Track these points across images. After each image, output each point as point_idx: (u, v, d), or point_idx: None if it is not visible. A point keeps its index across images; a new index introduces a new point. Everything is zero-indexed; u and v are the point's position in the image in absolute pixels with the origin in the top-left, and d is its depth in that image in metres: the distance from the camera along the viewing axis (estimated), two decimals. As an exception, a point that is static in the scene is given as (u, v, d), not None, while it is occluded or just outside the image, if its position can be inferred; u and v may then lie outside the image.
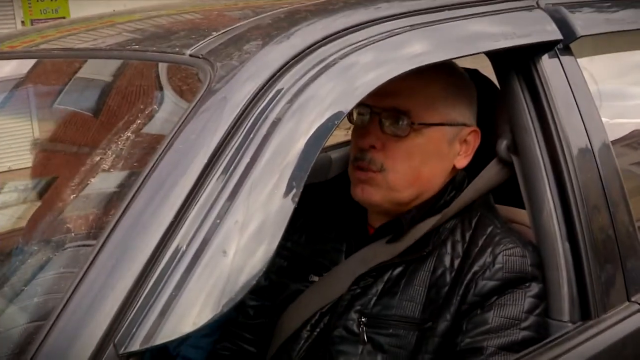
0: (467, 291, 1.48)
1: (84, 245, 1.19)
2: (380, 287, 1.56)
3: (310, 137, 1.15)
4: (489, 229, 1.55)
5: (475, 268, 1.49)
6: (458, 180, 1.64)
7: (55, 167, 1.54)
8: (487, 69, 1.78)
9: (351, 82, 1.23)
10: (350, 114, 1.58)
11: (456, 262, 1.53)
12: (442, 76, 1.60)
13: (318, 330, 1.61)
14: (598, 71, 1.78)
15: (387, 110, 1.56)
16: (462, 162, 1.63)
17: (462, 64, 1.73)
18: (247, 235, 1.06)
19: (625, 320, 1.54)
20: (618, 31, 1.78)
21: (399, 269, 1.57)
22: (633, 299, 1.59)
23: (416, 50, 1.35)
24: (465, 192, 1.61)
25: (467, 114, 1.64)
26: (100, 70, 1.61)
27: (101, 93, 1.60)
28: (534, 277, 1.50)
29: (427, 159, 1.58)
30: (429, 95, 1.58)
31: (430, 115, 1.57)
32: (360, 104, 1.55)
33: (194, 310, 1.01)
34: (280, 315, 1.69)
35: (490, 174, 1.65)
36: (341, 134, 1.88)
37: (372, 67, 1.27)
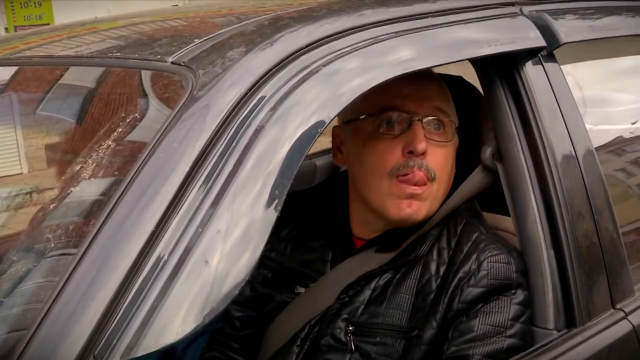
0: (452, 298, 1.47)
1: (64, 255, 1.17)
2: (367, 295, 1.55)
3: (294, 144, 1.14)
4: (474, 236, 1.55)
5: (461, 275, 1.49)
6: None
7: (36, 176, 1.52)
8: (471, 76, 1.78)
9: (336, 88, 1.22)
10: (377, 121, 1.54)
11: (442, 269, 1.52)
12: (433, 76, 1.62)
13: (308, 343, 1.59)
14: (581, 78, 1.78)
15: (430, 114, 1.54)
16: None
17: (446, 71, 1.73)
18: (229, 243, 1.05)
19: (610, 327, 1.54)
20: (601, 38, 1.79)
21: (386, 277, 1.56)
22: (618, 307, 1.59)
23: (401, 57, 1.34)
24: (451, 198, 1.61)
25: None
26: (82, 78, 1.60)
27: (83, 101, 1.58)
28: (519, 284, 1.49)
29: (453, 165, 1.59)
30: (450, 100, 1.60)
31: (455, 118, 1.60)
32: (393, 110, 1.53)
33: (176, 320, 1.00)
34: (267, 327, 1.68)
35: (475, 180, 1.65)
36: (326, 140, 1.87)
37: (356, 73, 1.26)
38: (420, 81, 1.56)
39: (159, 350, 1.00)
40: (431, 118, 1.54)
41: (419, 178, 1.51)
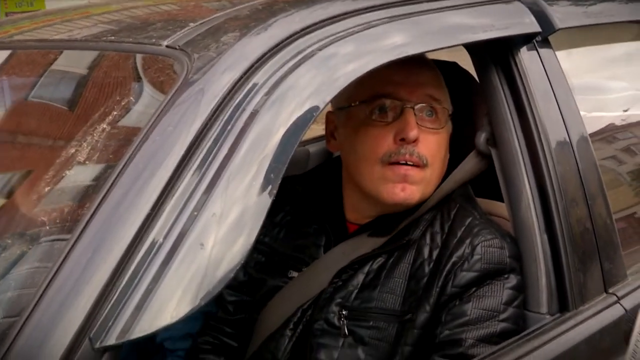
0: (446, 282, 1.48)
1: (59, 239, 1.17)
2: (361, 279, 1.56)
3: (289, 128, 1.14)
4: (468, 220, 1.55)
5: (454, 259, 1.49)
6: None
7: (30, 159, 1.52)
8: (466, 63, 1.78)
9: (331, 73, 1.22)
10: (370, 108, 1.54)
11: (435, 253, 1.52)
12: (426, 62, 1.62)
13: (301, 327, 1.60)
14: (576, 64, 1.78)
15: (422, 101, 1.54)
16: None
17: (440, 56, 1.73)
18: (224, 227, 1.05)
19: (602, 312, 1.55)
20: (596, 24, 1.79)
21: (379, 261, 1.56)
22: (610, 291, 1.60)
23: (395, 42, 1.34)
24: (445, 183, 1.61)
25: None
26: (76, 62, 1.59)
27: (77, 85, 1.58)
28: (512, 269, 1.50)
29: (446, 150, 1.59)
30: (443, 84, 1.59)
31: (449, 105, 1.59)
32: (385, 97, 1.53)
33: (171, 303, 1.00)
34: (260, 311, 1.68)
35: (469, 166, 1.65)
36: (319, 128, 1.87)
37: (351, 58, 1.26)
38: (413, 68, 1.55)
39: (152, 334, 1.00)
40: (423, 105, 1.54)
41: (413, 161, 1.52)
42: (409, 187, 1.52)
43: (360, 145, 1.55)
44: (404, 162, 1.51)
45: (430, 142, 1.54)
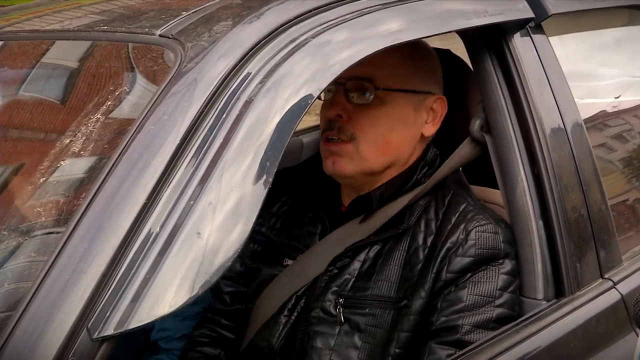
0: (441, 268, 1.48)
1: (54, 230, 1.17)
2: (357, 267, 1.56)
3: (284, 116, 1.13)
4: (462, 206, 1.56)
5: (449, 244, 1.50)
6: (430, 157, 1.64)
7: (24, 151, 1.51)
8: (460, 51, 1.78)
9: (326, 59, 1.22)
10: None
11: (429, 240, 1.53)
12: (405, 47, 1.57)
13: (296, 314, 1.60)
14: (569, 50, 1.78)
15: (351, 79, 1.56)
16: (429, 129, 1.63)
17: (433, 44, 1.72)
18: (221, 216, 1.05)
19: (598, 297, 1.56)
20: (589, 9, 1.79)
21: (375, 249, 1.57)
22: (606, 276, 1.60)
23: (389, 28, 1.34)
24: (439, 170, 1.62)
25: (431, 82, 1.65)
26: (68, 52, 1.58)
27: (70, 75, 1.56)
28: (506, 254, 1.50)
29: (394, 125, 1.58)
30: (391, 62, 1.58)
31: (392, 81, 1.58)
32: None
33: (169, 292, 1.00)
34: (256, 300, 1.68)
35: (463, 152, 1.65)
36: (312, 120, 1.87)
37: (346, 45, 1.25)
38: None
39: (150, 323, 1.00)
40: (352, 82, 1.56)
41: (334, 136, 1.57)
42: (338, 160, 1.58)
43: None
44: (330, 137, 1.57)
45: (359, 117, 1.56)
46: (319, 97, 1.58)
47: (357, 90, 1.56)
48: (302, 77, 1.18)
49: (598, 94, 2.00)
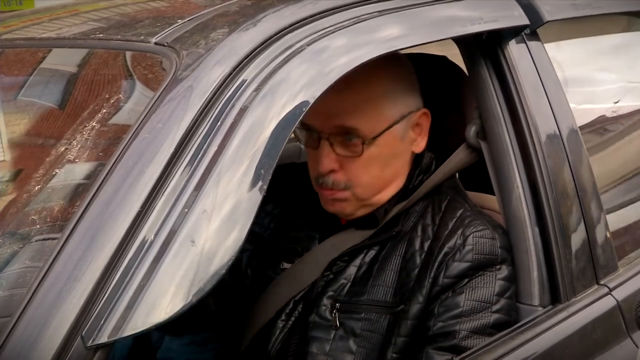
0: (438, 273, 1.48)
1: (49, 237, 1.17)
2: (353, 272, 1.56)
3: (279, 123, 1.14)
4: (459, 212, 1.56)
5: (446, 250, 1.50)
6: (425, 163, 1.64)
7: (20, 158, 1.51)
8: (456, 58, 1.78)
9: (322, 65, 1.22)
10: (297, 134, 1.58)
11: (426, 245, 1.53)
12: (379, 74, 1.55)
13: (293, 318, 1.60)
14: (565, 56, 1.79)
15: (335, 132, 1.53)
16: (419, 145, 1.62)
17: (430, 50, 1.73)
18: (215, 223, 1.05)
19: (594, 303, 1.56)
20: (584, 16, 1.79)
21: (371, 254, 1.57)
22: (602, 282, 1.61)
23: (385, 35, 1.34)
24: (434, 175, 1.62)
25: (412, 100, 1.60)
26: (64, 60, 1.58)
27: (66, 83, 1.57)
28: (503, 260, 1.50)
29: (386, 163, 1.57)
30: (371, 104, 1.53)
31: (378, 125, 1.54)
32: (305, 128, 1.55)
33: (163, 300, 1.00)
34: (252, 303, 1.68)
35: (458, 158, 1.65)
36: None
37: (341, 52, 1.26)
38: (332, 95, 1.35)
39: (145, 331, 1.00)
40: (336, 135, 1.53)
41: (329, 189, 1.56)
42: (338, 204, 1.58)
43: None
44: (325, 187, 1.57)
45: (351, 167, 1.54)
46: (298, 140, 1.59)
47: (343, 144, 1.53)
48: (299, 83, 1.19)
49: (594, 100, 2.01)
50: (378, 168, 1.56)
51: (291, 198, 1.76)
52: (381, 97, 1.55)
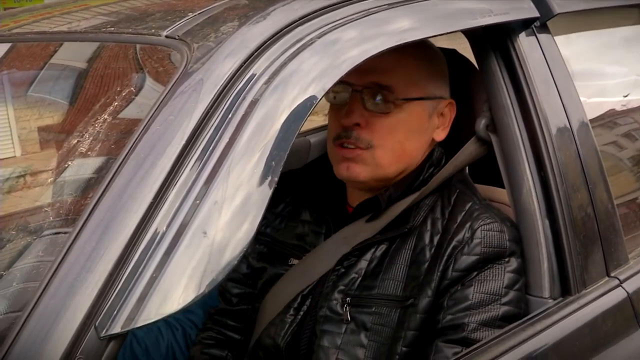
0: (447, 267, 1.49)
1: (62, 230, 1.18)
2: (364, 266, 1.57)
3: (290, 116, 1.14)
4: (468, 205, 1.56)
5: (454, 243, 1.50)
6: (436, 157, 1.64)
7: (32, 151, 1.52)
8: (465, 51, 1.78)
9: (334, 57, 1.22)
10: (327, 93, 1.58)
11: (436, 239, 1.53)
12: (417, 51, 1.60)
13: (302, 312, 1.61)
14: (575, 49, 1.78)
15: (369, 87, 1.55)
16: (440, 134, 1.65)
17: (440, 43, 1.73)
18: (227, 215, 1.06)
19: (604, 295, 1.56)
20: (595, 9, 1.79)
21: (382, 248, 1.57)
22: (612, 274, 1.60)
23: (396, 28, 1.34)
24: (444, 169, 1.62)
25: (443, 87, 1.66)
26: (76, 54, 1.59)
27: (77, 77, 1.58)
28: (512, 252, 1.51)
29: (411, 133, 1.59)
30: (408, 70, 1.58)
31: (411, 90, 1.58)
32: (339, 82, 1.54)
33: (176, 291, 1.01)
34: (262, 300, 1.69)
35: (468, 151, 1.66)
36: (319, 120, 1.87)
37: (354, 43, 1.26)
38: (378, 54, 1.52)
39: (158, 321, 1.01)
40: (369, 90, 1.56)
41: (351, 144, 1.57)
42: (353, 166, 1.58)
43: (328, 127, 1.66)
44: (345, 144, 1.57)
45: (377, 125, 1.56)
46: (327, 99, 1.60)
47: (375, 98, 1.56)
48: (310, 75, 1.19)
49: (605, 93, 2.00)
50: (402, 134, 1.58)
51: (300, 197, 1.76)
52: (419, 69, 1.60)
